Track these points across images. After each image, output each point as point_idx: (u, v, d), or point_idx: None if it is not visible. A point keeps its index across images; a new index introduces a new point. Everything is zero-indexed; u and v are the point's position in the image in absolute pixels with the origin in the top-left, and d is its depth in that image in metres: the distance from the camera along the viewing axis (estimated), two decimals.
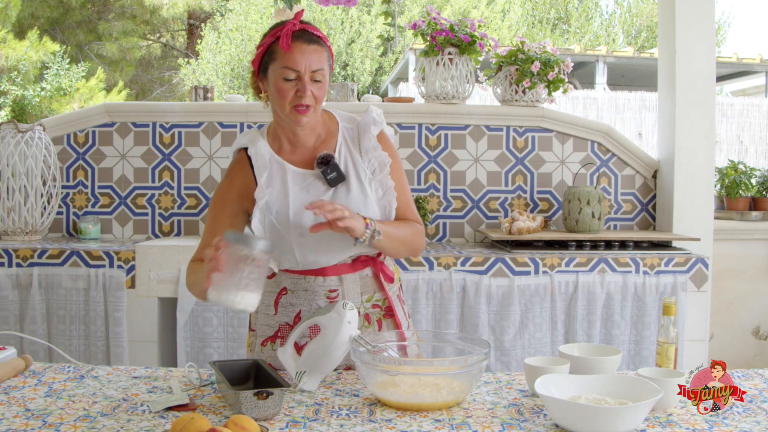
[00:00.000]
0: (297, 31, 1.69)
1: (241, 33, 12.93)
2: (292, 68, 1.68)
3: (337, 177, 1.76)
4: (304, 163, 1.79)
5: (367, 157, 1.80)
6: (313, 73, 1.69)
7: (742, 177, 4.34)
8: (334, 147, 1.81)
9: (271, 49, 1.71)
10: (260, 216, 1.74)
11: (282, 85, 1.69)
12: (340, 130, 1.84)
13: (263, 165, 1.77)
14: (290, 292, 1.81)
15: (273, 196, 1.76)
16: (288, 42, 1.67)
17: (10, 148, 3.46)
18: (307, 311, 1.79)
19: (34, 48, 10.09)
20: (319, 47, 1.71)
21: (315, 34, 1.72)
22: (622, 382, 1.47)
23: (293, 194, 1.75)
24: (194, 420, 1.23)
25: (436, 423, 1.40)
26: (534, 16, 16.40)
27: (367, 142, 1.81)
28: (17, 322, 3.24)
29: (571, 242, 3.42)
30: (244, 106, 3.75)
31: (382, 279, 1.84)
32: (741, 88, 11.98)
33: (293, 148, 1.81)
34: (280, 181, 1.77)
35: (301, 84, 1.68)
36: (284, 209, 1.74)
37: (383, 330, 1.84)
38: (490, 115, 3.78)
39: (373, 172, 1.80)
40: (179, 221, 3.77)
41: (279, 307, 1.83)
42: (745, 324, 4.18)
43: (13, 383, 1.64)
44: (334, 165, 1.76)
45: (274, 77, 1.70)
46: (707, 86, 3.72)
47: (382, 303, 1.85)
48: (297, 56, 1.67)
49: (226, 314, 3.19)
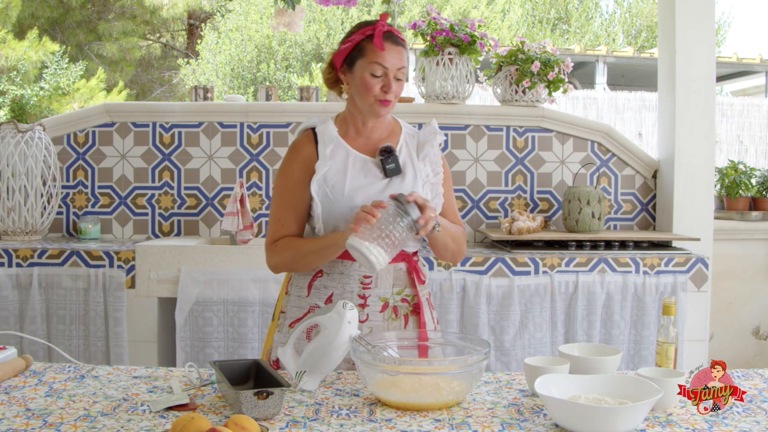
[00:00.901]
0: (386, 32, 1.84)
1: (241, 33, 12.93)
2: (382, 65, 1.82)
3: (394, 169, 1.88)
4: (366, 151, 1.92)
5: (424, 162, 1.94)
6: (397, 71, 1.84)
7: (742, 177, 4.34)
8: (395, 144, 1.95)
9: (360, 45, 1.85)
10: (317, 187, 1.86)
11: (369, 80, 1.83)
12: (402, 133, 1.98)
13: (329, 139, 1.90)
14: (326, 275, 1.89)
15: (332, 171, 1.87)
16: (381, 42, 1.82)
17: (10, 148, 3.46)
18: (340, 294, 1.86)
19: (33, 48, 10.09)
20: (403, 48, 1.87)
21: (399, 36, 1.88)
22: (622, 382, 1.47)
23: (351, 174, 1.87)
24: (194, 420, 1.23)
25: (436, 423, 1.40)
26: (534, 16, 16.40)
27: (429, 149, 1.95)
28: (17, 322, 3.24)
29: (571, 242, 3.42)
30: (244, 106, 3.75)
31: (414, 276, 1.91)
32: (741, 88, 11.98)
33: (358, 136, 1.94)
34: (341, 160, 1.89)
35: (387, 80, 1.84)
36: (340, 185, 1.85)
37: (408, 327, 1.90)
38: (490, 115, 3.78)
39: (427, 176, 1.93)
40: (179, 221, 3.78)
41: (312, 289, 1.90)
42: (745, 324, 4.18)
43: (14, 383, 1.64)
44: (395, 157, 1.89)
45: (362, 72, 1.84)
46: (707, 86, 3.72)
47: (411, 299, 1.92)
48: (387, 55, 1.83)
49: (226, 314, 3.20)
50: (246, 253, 3.21)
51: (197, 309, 3.19)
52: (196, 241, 3.49)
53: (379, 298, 1.88)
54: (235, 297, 3.18)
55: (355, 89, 1.88)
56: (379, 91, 1.83)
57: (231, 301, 3.18)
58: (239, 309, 3.19)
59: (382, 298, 1.88)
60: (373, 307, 1.87)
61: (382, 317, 1.87)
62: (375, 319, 1.87)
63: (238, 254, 3.21)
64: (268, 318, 3.17)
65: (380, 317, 1.87)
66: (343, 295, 1.86)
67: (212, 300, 3.18)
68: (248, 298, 3.18)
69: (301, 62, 12.59)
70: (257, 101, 3.87)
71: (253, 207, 3.74)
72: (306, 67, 12.21)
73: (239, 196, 3.43)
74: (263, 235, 3.76)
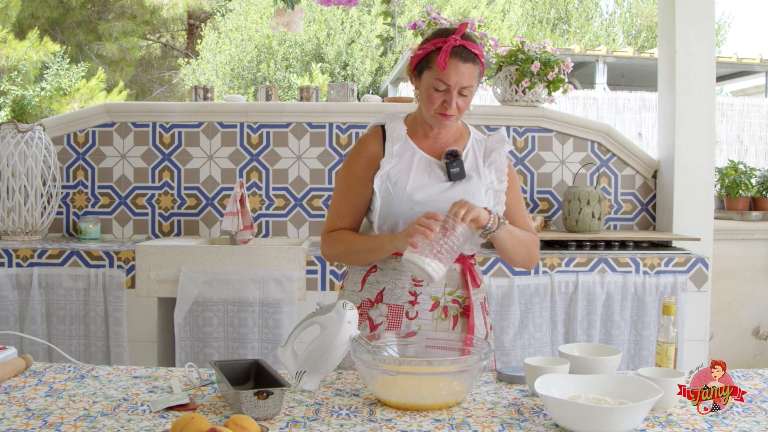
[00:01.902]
0: (457, 47, 1.79)
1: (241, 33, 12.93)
2: (444, 82, 1.81)
3: (459, 173, 1.89)
4: (433, 153, 1.93)
5: (490, 168, 1.94)
6: (462, 89, 1.82)
7: (742, 177, 4.34)
8: (462, 149, 1.95)
9: (429, 57, 1.83)
10: (379, 183, 1.88)
11: (432, 93, 1.83)
12: (470, 139, 1.99)
13: (397, 138, 1.91)
14: (379, 270, 1.91)
15: (397, 168, 1.88)
16: (446, 60, 1.79)
17: (10, 148, 3.46)
18: (391, 290, 1.88)
19: (34, 48, 10.09)
20: (473, 65, 1.82)
21: (473, 51, 1.82)
22: (622, 382, 1.47)
23: (414, 173, 1.89)
24: (194, 420, 1.23)
25: (436, 423, 1.40)
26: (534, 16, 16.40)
27: (496, 155, 1.95)
28: (17, 322, 3.24)
29: (571, 242, 3.42)
30: (244, 106, 3.75)
31: (468, 279, 1.91)
32: (741, 88, 11.98)
33: (426, 138, 1.95)
34: (406, 159, 1.90)
35: (449, 96, 1.82)
36: (403, 182, 1.87)
37: (457, 329, 1.90)
38: (490, 115, 3.78)
39: (491, 182, 1.93)
40: (179, 221, 3.78)
41: (366, 284, 1.92)
42: (745, 324, 4.18)
43: (14, 383, 1.64)
44: (460, 161, 1.90)
45: (427, 83, 1.84)
46: (707, 86, 3.72)
47: (462, 301, 1.92)
48: (451, 73, 1.80)
49: (226, 314, 3.20)
50: (246, 253, 3.21)
51: (197, 309, 3.18)
52: (196, 241, 3.49)
53: (430, 296, 1.88)
54: (235, 297, 3.18)
55: (420, 97, 1.89)
56: (439, 105, 1.84)
57: (231, 301, 3.18)
58: (239, 309, 3.19)
59: (433, 297, 1.89)
60: (423, 305, 1.88)
61: (431, 316, 1.88)
62: (424, 317, 1.87)
63: (238, 254, 3.21)
64: (268, 318, 3.17)
65: (429, 316, 1.88)
66: (394, 290, 1.87)
67: (212, 300, 3.18)
68: (248, 298, 3.18)
69: (301, 62, 12.59)
70: (257, 101, 3.87)
71: (253, 207, 3.74)
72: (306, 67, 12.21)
73: (239, 196, 3.43)
74: (264, 235, 3.77)
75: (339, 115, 3.74)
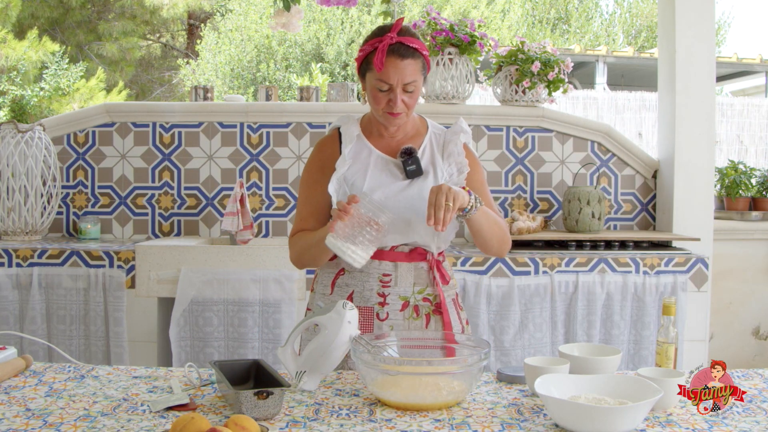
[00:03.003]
0: (393, 44, 1.77)
1: (241, 33, 12.93)
2: (385, 81, 1.78)
3: (415, 170, 1.87)
4: (389, 152, 1.92)
5: (448, 161, 1.91)
6: (405, 86, 1.79)
7: (742, 177, 4.34)
8: (419, 145, 1.93)
9: (368, 58, 1.81)
10: (336, 186, 1.87)
11: (376, 94, 1.82)
12: (428, 133, 1.96)
13: (350, 139, 1.91)
14: (347, 273, 1.90)
15: (353, 170, 1.88)
16: (382, 60, 1.76)
17: (10, 148, 3.46)
18: (360, 292, 1.87)
19: (33, 48, 10.09)
20: (413, 60, 1.79)
21: (411, 46, 1.79)
22: (622, 382, 1.47)
23: (371, 173, 1.87)
24: (194, 420, 1.23)
25: (436, 423, 1.40)
26: (534, 16, 16.40)
27: (453, 147, 1.92)
28: (17, 322, 3.24)
29: (571, 242, 3.42)
30: (244, 106, 3.75)
31: (437, 275, 1.90)
32: (741, 88, 11.98)
33: (380, 137, 1.94)
34: (362, 160, 1.90)
35: (393, 95, 1.80)
36: (360, 183, 1.86)
37: (430, 327, 1.89)
38: (490, 115, 3.78)
39: (450, 175, 1.90)
40: (179, 221, 3.78)
41: (335, 287, 1.91)
42: (745, 324, 4.18)
43: (14, 383, 1.64)
44: (416, 158, 1.87)
45: (370, 84, 1.83)
46: (707, 86, 3.72)
47: (433, 299, 1.91)
48: (390, 71, 1.77)
49: (226, 314, 3.20)
50: (246, 253, 3.21)
51: (197, 309, 3.18)
52: (196, 241, 3.49)
53: (399, 296, 1.88)
54: (235, 297, 3.18)
55: (368, 98, 1.88)
56: (386, 105, 1.82)
57: (231, 301, 3.18)
58: (239, 309, 3.19)
59: (402, 297, 1.88)
60: (393, 306, 1.87)
61: (402, 316, 1.87)
62: (395, 318, 1.87)
63: (238, 254, 3.21)
64: (268, 318, 3.17)
65: (400, 316, 1.87)
66: (363, 293, 1.87)
67: (212, 300, 3.18)
68: (248, 298, 3.18)
69: (301, 62, 12.58)
70: (257, 101, 3.87)
71: (253, 207, 3.74)
72: (306, 67, 12.21)
73: (239, 196, 3.43)
74: (264, 235, 3.77)
75: (339, 115, 3.73)
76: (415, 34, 1.83)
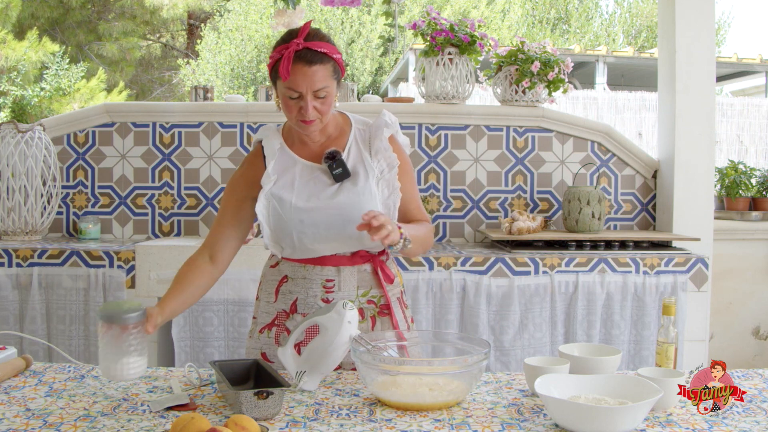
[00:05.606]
0: (300, 51, 1.69)
1: (241, 33, 12.93)
2: (294, 89, 1.71)
3: (342, 173, 1.81)
4: (314, 158, 1.86)
5: (376, 157, 1.85)
6: (315, 92, 1.71)
7: (742, 177, 4.34)
8: (344, 145, 1.86)
9: (276, 66, 1.73)
10: (265, 202, 1.82)
11: (287, 102, 1.75)
12: (352, 131, 1.89)
13: (272, 154, 1.85)
14: (290, 280, 1.87)
15: (279, 184, 1.82)
16: (288, 68, 1.68)
17: (10, 148, 3.46)
18: (303, 299, 1.84)
19: (33, 48, 10.09)
20: (322, 65, 1.71)
21: (319, 51, 1.70)
22: (622, 382, 1.47)
23: (299, 184, 1.82)
24: (194, 420, 1.23)
25: (436, 423, 1.40)
26: (534, 16, 16.40)
27: (378, 143, 1.85)
28: (17, 322, 3.24)
29: (571, 242, 3.42)
30: (244, 106, 3.75)
31: (381, 277, 1.86)
32: (741, 88, 11.98)
33: (303, 144, 1.87)
34: (288, 172, 1.84)
35: (304, 102, 1.72)
36: (288, 196, 1.80)
37: (377, 328, 1.86)
38: (490, 115, 3.78)
39: (381, 172, 1.84)
40: (179, 221, 3.78)
41: (279, 294, 1.88)
42: (745, 324, 4.18)
43: (14, 383, 1.64)
44: (340, 161, 1.81)
45: (281, 93, 1.75)
46: (707, 86, 3.72)
47: (378, 300, 1.88)
48: (298, 79, 1.69)
49: (226, 314, 3.20)
50: (246, 253, 3.20)
51: (197, 309, 3.19)
52: (196, 241, 3.49)
53: None
54: (235, 297, 3.18)
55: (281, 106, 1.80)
56: (297, 113, 1.74)
57: (231, 301, 3.18)
58: (239, 309, 3.19)
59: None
60: None
61: None
62: None
63: (238, 254, 3.20)
64: None
65: None
66: (306, 300, 1.83)
67: (212, 300, 3.18)
68: (248, 298, 3.18)
69: None
70: (257, 101, 3.87)
71: None
72: None
73: None
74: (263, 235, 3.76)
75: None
76: (325, 37, 1.74)
